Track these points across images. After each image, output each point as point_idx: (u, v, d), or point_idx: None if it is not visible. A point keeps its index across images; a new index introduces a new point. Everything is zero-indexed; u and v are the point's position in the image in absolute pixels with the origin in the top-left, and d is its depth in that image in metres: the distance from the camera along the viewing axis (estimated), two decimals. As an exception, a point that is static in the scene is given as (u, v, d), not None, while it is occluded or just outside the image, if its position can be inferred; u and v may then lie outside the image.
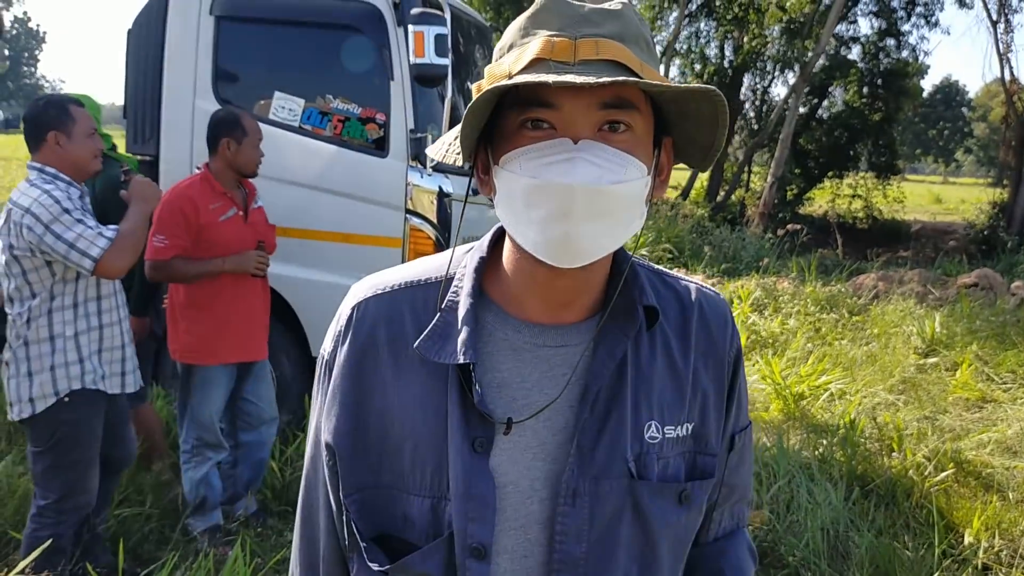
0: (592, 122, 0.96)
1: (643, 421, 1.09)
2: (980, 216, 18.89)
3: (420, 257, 4.26)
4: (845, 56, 23.21)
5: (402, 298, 1.12)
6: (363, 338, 1.11)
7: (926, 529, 4.17)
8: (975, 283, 10.56)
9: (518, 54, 0.98)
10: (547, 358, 1.08)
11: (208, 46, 4.86)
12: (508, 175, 0.98)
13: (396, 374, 1.08)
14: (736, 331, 1.23)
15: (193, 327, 3.73)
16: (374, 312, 1.12)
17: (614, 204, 0.96)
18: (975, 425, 5.96)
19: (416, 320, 1.10)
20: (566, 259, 0.97)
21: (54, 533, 3.08)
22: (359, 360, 1.10)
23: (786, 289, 10.01)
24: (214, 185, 3.74)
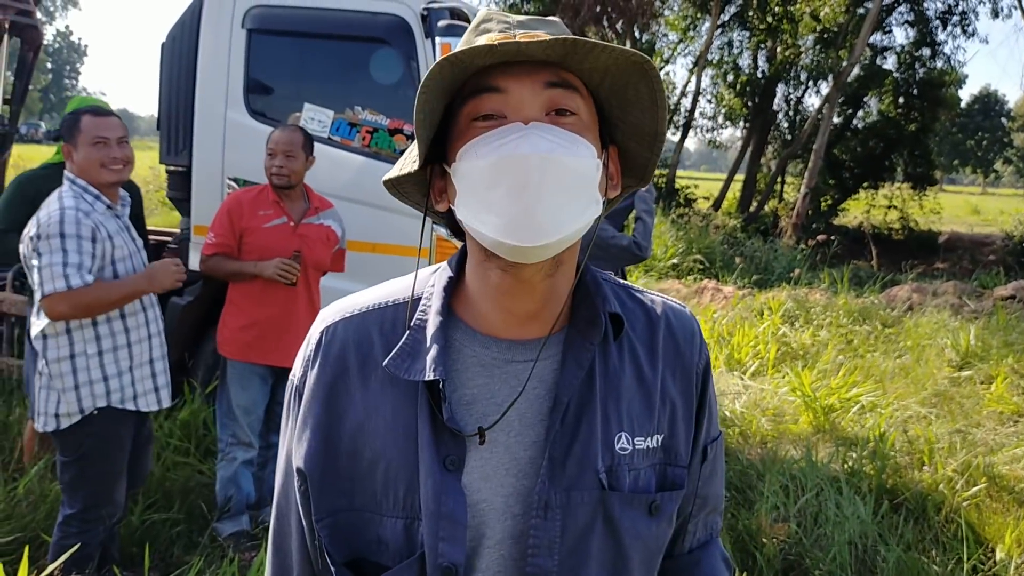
0: (539, 104, 0.99)
1: (613, 432, 1.10)
2: (1019, 227, 18.59)
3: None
4: (880, 66, 22.96)
5: (371, 320, 1.13)
6: (332, 362, 1.11)
7: (956, 544, 4.11)
8: (1012, 295, 10.39)
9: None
10: (516, 373, 1.09)
11: (240, 59, 4.93)
12: (465, 166, 0.99)
13: (366, 396, 1.09)
14: (704, 344, 1.24)
15: (230, 322, 3.93)
16: (343, 335, 1.12)
17: (569, 178, 0.97)
18: (1009, 439, 5.86)
19: (385, 341, 1.10)
20: (529, 235, 0.96)
21: (80, 542, 3.09)
22: (330, 384, 1.10)
23: (818, 300, 9.93)
24: (270, 194, 3.92)
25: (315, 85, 4.99)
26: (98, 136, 3.08)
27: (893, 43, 23.50)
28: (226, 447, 3.98)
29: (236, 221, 3.84)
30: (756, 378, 7.18)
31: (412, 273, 1.18)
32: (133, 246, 3.21)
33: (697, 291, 10.99)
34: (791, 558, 4.01)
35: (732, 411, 6.06)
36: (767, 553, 3.92)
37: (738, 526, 4.14)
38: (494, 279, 1.05)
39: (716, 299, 10.43)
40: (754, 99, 24.06)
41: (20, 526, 3.66)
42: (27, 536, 3.58)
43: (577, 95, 1.02)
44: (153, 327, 3.30)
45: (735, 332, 8.28)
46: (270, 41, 4.97)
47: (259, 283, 3.83)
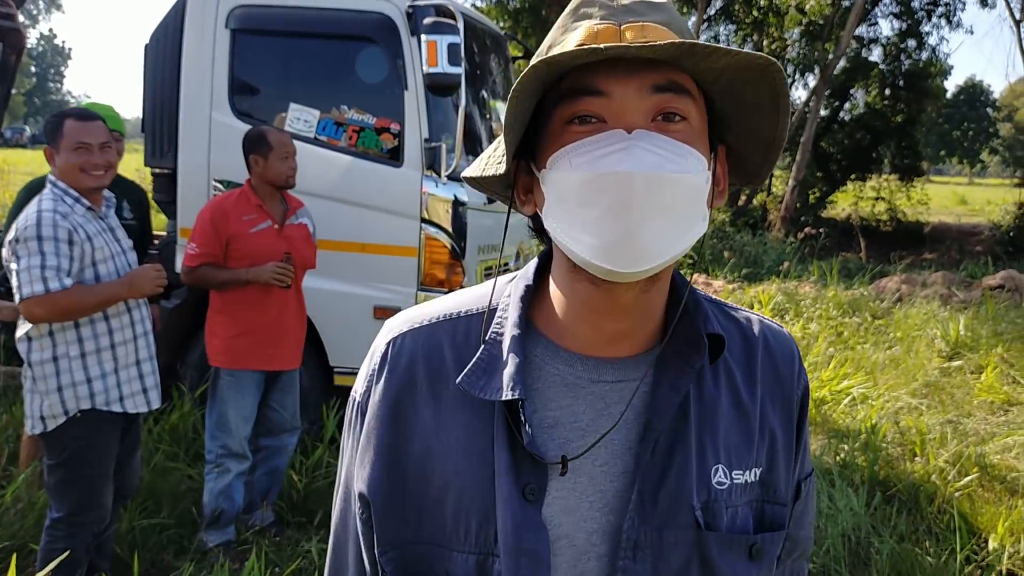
0: (644, 109, 0.87)
1: (709, 464, 0.99)
2: (1006, 217, 18.68)
3: (435, 265, 4.23)
4: (866, 58, 23.03)
5: (441, 331, 1.03)
6: (400, 376, 1.01)
7: (949, 535, 4.12)
8: (1001, 285, 10.44)
9: (558, 41, 0.92)
10: (603, 395, 0.98)
11: (224, 59, 4.90)
12: (557, 176, 0.89)
13: (437, 415, 0.99)
14: (803, 369, 1.12)
15: (222, 332, 3.85)
16: (411, 347, 1.03)
17: (676, 196, 0.86)
18: (1000, 428, 5.88)
19: (457, 355, 1.00)
20: (628, 261, 0.86)
21: (67, 547, 3.08)
22: (396, 400, 1.01)
23: (807, 293, 9.95)
24: (251, 198, 3.86)
25: (301, 85, 4.96)
26: (79, 141, 3.06)
27: (879, 35, 23.64)
28: (216, 458, 3.89)
29: (222, 229, 3.77)
30: (747, 372, 7.18)
31: (486, 282, 1.09)
32: (117, 247, 3.20)
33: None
34: (785, 552, 4.00)
35: (724, 405, 6.05)
36: (761, 547, 3.91)
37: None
38: (582, 293, 0.95)
39: (706, 293, 10.43)
40: (741, 93, 24.07)
41: (8, 534, 3.64)
42: (15, 544, 3.55)
43: (688, 98, 0.89)
44: (139, 328, 3.27)
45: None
46: (254, 41, 4.94)
47: (253, 289, 3.78)
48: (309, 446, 4.75)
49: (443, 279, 4.75)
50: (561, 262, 0.97)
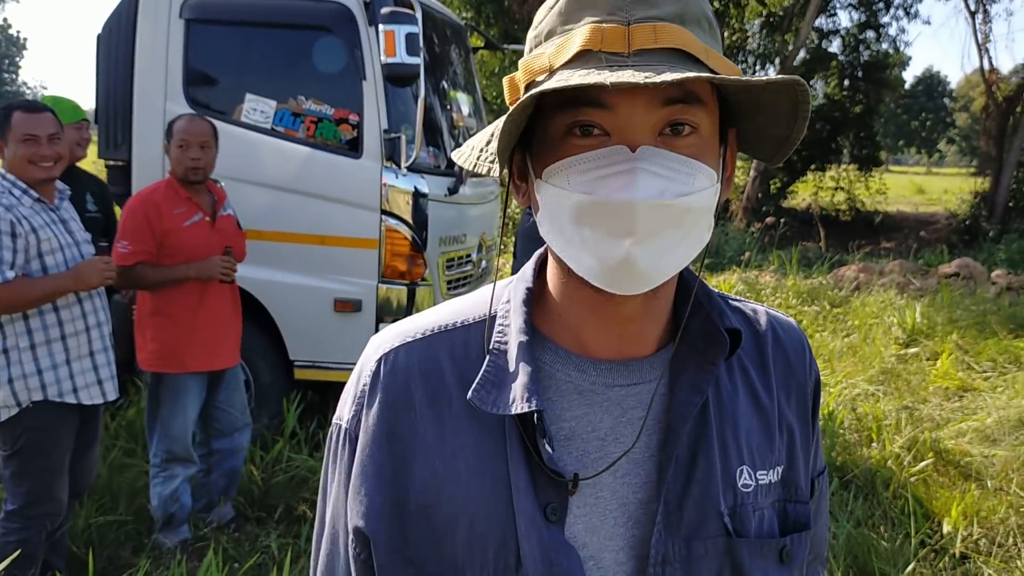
0: (652, 124, 0.80)
1: (733, 467, 0.94)
2: (962, 206, 18.97)
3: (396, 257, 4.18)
4: (825, 49, 23.23)
5: (438, 345, 0.96)
6: (396, 396, 0.93)
7: (904, 519, 4.19)
8: (956, 272, 10.63)
9: (560, 44, 0.82)
10: (619, 400, 0.92)
11: (178, 49, 4.83)
12: (554, 191, 0.83)
13: (440, 437, 0.91)
14: (814, 359, 1.08)
15: (160, 335, 3.69)
16: (406, 363, 0.95)
17: (681, 219, 0.81)
18: (955, 414, 5.99)
19: (458, 369, 0.93)
20: (627, 285, 0.82)
21: (20, 539, 3.08)
22: (392, 424, 0.93)
23: (768, 283, 10.05)
24: (178, 190, 3.70)
25: (257, 75, 4.90)
26: (27, 133, 3.05)
27: (838, 26, 23.79)
28: (162, 463, 3.77)
29: (155, 224, 3.60)
30: (709, 361, 7.24)
31: (482, 289, 1.02)
32: (68, 239, 3.16)
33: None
34: (744, 538, 4.05)
35: (685, 394, 6.10)
36: (720, 534, 3.96)
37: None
38: (585, 298, 0.90)
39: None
40: (703, 83, 24.20)
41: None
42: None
43: (700, 108, 0.82)
44: (92, 319, 3.23)
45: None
46: (209, 31, 4.87)
47: (193, 287, 3.67)
48: (269, 441, 4.71)
49: (404, 271, 4.73)
50: (558, 266, 0.92)
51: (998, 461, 5.05)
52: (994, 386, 6.58)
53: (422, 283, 4.77)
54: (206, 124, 3.75)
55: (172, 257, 3.64)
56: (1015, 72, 19.43)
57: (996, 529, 4.23)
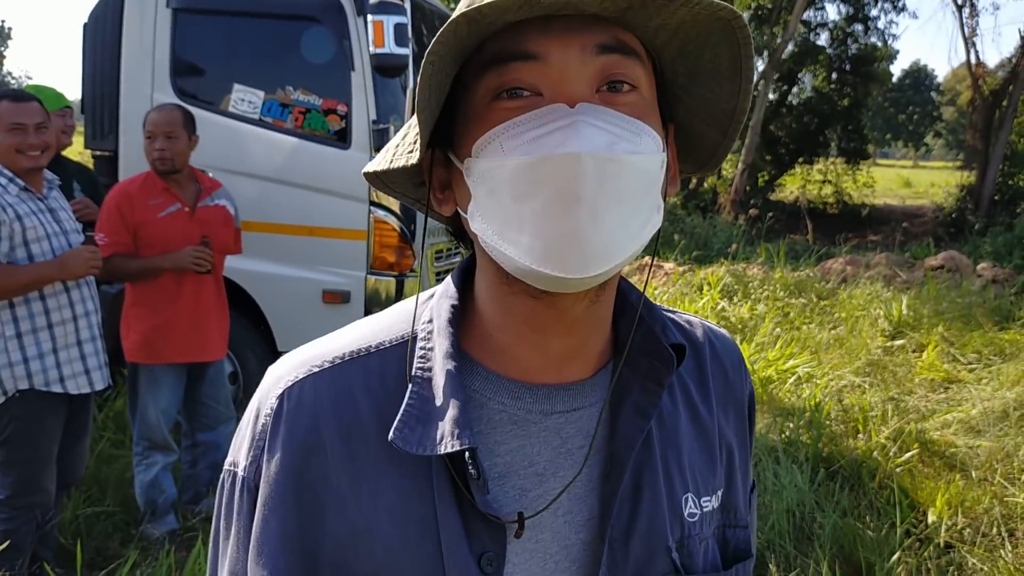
0: (588, 76, 0.72)
1: (679, 495, 0.87)
2: (948, 199, 19.06)
3: (384, 248, 4.14)
4: (814, 42, 23.31)
5: (350, 374, 0.83)
6: (302, 437, 0.80)
7: (889, 509, 4.22)
8: (942, 265, 10.68)
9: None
10: (557, 429, 0.83)
11: (165, 39, 4.81)
12: (485, 164, 0.72)
13: (356, 483, 0.79)
14: (748, 373, 1.02)
15: (138, 325, 3.70)
16: (313, 397, 0.81)
17: (632, 182, 0.70)
18: (940, 405, 6.03)
19: (375, 402, 0.81)
20: (578, 264, 0.70)
21: (7, 530, 3.07)
22: (300, 470, 0.79)
23: (755, 275, 10.08)
24: (156, 181, 3.69)
25: (245, 65, 4.88)
26: (14, 122, 3.04)
27: (826, 19, 23.90)
28: (143, 451, 3.80)
29: (128, 215, 3.60)
30: (696, 352, 7.27)
31: (400, 305, 0.90)
32: (56, 228, 3.15)
33: (639, 268, 11.07)
34: (731, 528, 4.07)
35: (673, 386, 6.12)
36: (708, 524, 3.98)
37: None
38: (520, 309, 0.79)
39: (657, 276, 10.53)
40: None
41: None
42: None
43: (638, 62, 0.74)
44: (79, 308, 3.22)
45: (676, 308, 8.36)
46: (196, 20, 4.85)
47: (168, 278, 3.66)
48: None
49: (393, 262, 4.73)
50: (491, 273, 0.80)
51: (982, 452, 5.09)
52: (979, 378, 6.63)
53: (411, 274, 4.78)
54: (174, 113, 3.71)
55: (150, 248, 3.63)
56: (1001, 66, 19.51)
57: (980, 519, 4.26)
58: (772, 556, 3.80)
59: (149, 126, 3.64)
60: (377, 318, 0.90)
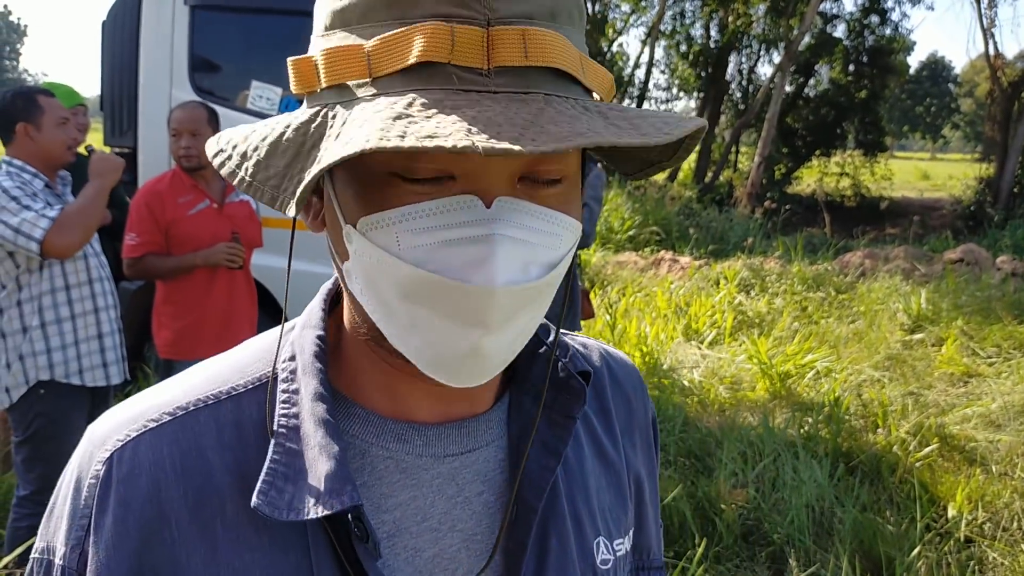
0: (511, 170, 0.61)
1: (590, 541, 0.78)
2: (967, 192, 18.94)
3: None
4: (830, 34, 23.18)
5: (198, 426, 0.69)
6: (139, 511, 0.66)
7: (910, 504, 4.20)
8: (961, 259, 10.61)
9: (387, 40, 0.59)
10: (452, 475, 0.73)
11: (184, 36, 4.83)
12: (376, 252, 0.61)
13: (213, 561, 0.66)
14: (648, 395, 0.94)
15: (171, 323, 3.71)
16: (151, 458, 0.67)
17: (542, 293, 0.63)
18: (960, 400, 6.00)
19: (230, 459, 0.68)
20: (468, 378, 0.64)
21: (32, 525, 3.09)
22: (138, 553, 0.65)
23: (772, 269, 10.05)
24: (184, 179, 3.69)
25: (262, 62, 4.90)
26: (62, 116, 3.10)
27: (842, 11, 23.82)
28: None
29: (159, 215, 3.60)
30: (714, 347, 7.26)
31: (250, 342, 0.79)
32: None
33: (654, 262, 11.05)
34: (750, 523, 4.07)
35: (691, 380, 6.12)
36: (726, 519, 3.98)
37: (698, 493, 4.19)
38: (399, 364, 0.68)
39: (673, 270, 10.51)
40: (707, 69, 24.15)
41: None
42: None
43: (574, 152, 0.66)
44: (100, 301, 3.24)
45: (692, 302, 8.36)
46: (214, 17, 4.87)
47: (201, 275, 3.67)
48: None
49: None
50: (358, 317, 0.70)
51: (1003, 446, 5.06)
52: (999, 372, 6.59)
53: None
54: (199, 111, 3.71)
55: (181, 246, 3.63)
56: (1020, 57, 19.39)
57: (1000, 513, 4.24)
58: (792, 551, 3.79)
59: (174, 124, 3.65)
60: (230, 355, 0.78)
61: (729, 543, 3.89)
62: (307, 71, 0.64)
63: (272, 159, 0.62)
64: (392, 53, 0.58)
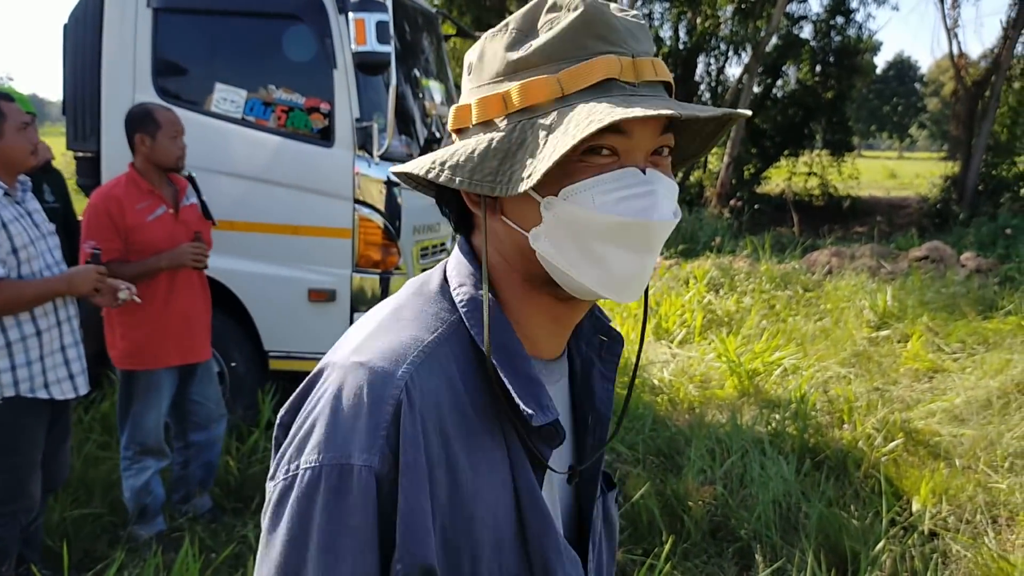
0: (650, 147, 0.92)
1: (605, 438, 1.11)
2: (933, 190, 19.16)
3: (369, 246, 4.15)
4: (797, 35, 23.33)
5: (442, 360, 0.93)
6: (434, 422, 0.89)
7: (874, 498, 4.26)
8: (926, 256, 10.74)
9: (575, 71, 0.88)
10: (556, 393, 1.04)
11: (146, 39, 4.78)
12: (574, 210, 0.88)
13: (463, 453, 0.91)
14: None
15: (130, 332, 3.64)
16: (434, 384, 0.90)
17: (667, 235, 0.94)
18: (924, 395, 6.08)
19: (465, 383, 0.93)
20: (632, 293, 0.93)
21: None
22: (434, 453, 0.88)
23: (741, 268, 10.12)
24: (140, 184, 3.65)
25: (227, 64, 4.86)
26: (23, 121, 3.06)
27: (809, 12, 23.95)
28: (134, 456, 3.74)
29: (119, 221, 3.54)
30: (683, 346, 7.31)
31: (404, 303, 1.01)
32: (36, 232, 3.13)
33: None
34: (718, 519, 4.10)
35: (660, 379, 6.15)
36: (694, 515, 4.01)
37: (666, 491, 4.21)
38: (547, 306, 0.99)
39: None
40: (676, 70, 24.28)
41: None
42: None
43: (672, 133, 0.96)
44: (62, 313, 3.19)
45: (663, 302, 8.41)
46: (177, 20, 4.83)
47: (162, 281, 3.64)
48: (245, 431, 4.70)
49: (378, 260, 4.73)
50: (514, 275, 0.98)
51: (966, 440, 5.14)
52: (963, 367, 6.68)
53: (396, 272, 4.78)
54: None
55: (138, 254, 3.58)
56: (984, 57, 19.61)
57: (964, 506, 4.30)
58: (758, 547, 3.83)
59: (174, 125, 3.66)
60: (412, 308, 0.99)
61: (697, 540, 3.91)
62: (495, 104, 0.92)
63: (485, 162, 0.90)
64: (580, 76, 0.88)
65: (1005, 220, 13.71)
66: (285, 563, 0.85)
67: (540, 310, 0.99)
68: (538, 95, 0.89)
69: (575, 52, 0.89)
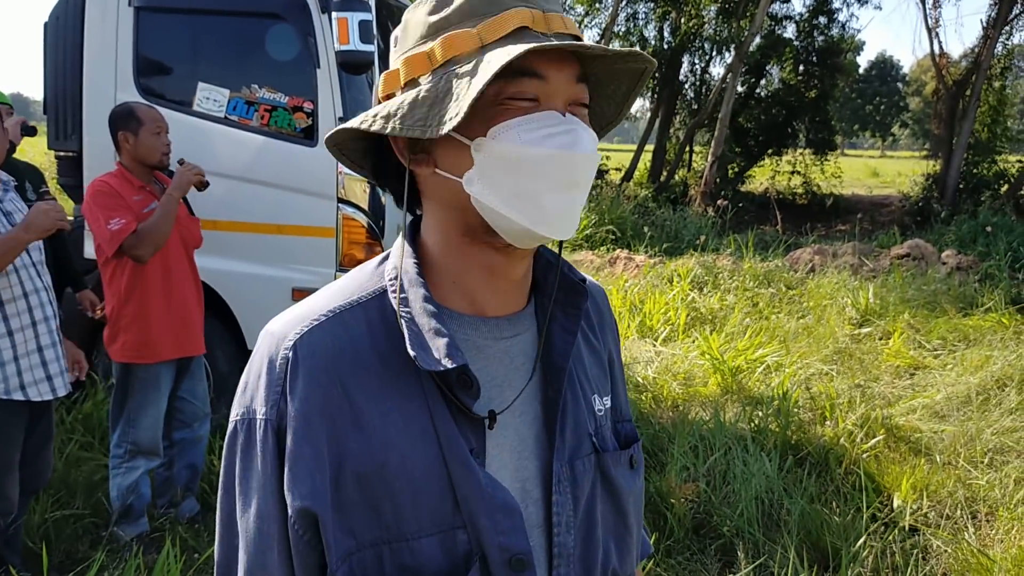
0: (567, 96, 0.96)
1: (589, 395, 1.12)
2: (915, 188, 19.29)
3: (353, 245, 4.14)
4: (780, 35, 23.47)
5: (347, 320, 1.00)
6: (321, 374, 0.96)
7: (856, 494, 4.29)
8: (907, 254, 10.81)
9: (492, 22, 0.94)
10: (506, 350, 1.05)
11: (128, 38, 4.76)
12: (501, 147, 0.93)
13: (369, 405, 0.96)
14: (610, 305, 1.30)
15: (131, 325, 3.65)
16: (322, 341, 0.98)
17: (593, 173, 0.98)
18: (906, 391, 6.13)
19: (373, 339, 0.99)
20: (564, 229, 0.96)
21: None
22: (324, 402, 0.95)
23: (725, 266, 10.16)
24: (132, 180, 3.67)
25: (209, 63, 4.84)
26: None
27: (792, 12, 24.07)
28: (125, 453, 3.74)
29: (127, 197, 3.60)
30: (667, 344, 7.33)
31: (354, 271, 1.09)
32: None
33: (610, 261, 11.13)
34: (700, 516, 4.12)
35: (644, 377, 6.18)
36: (677, 513, 4.03)
37: (649, 488, 4.23)
38: (482, 259, 1.01)
39: (628, 268, 10.59)
40: (661, 70, 24.34)
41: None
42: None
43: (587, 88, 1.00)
44: (38, 313, 3.16)
45: (646, 300, 8.43)
46: (159, 19, 4.81)
47: (158, 273, 3.65)
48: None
49: (362, 259, 4.71)
50: (453, 229, 1.01)
51: (947, 436, 5.19)
52: (944, 363, 6.74)
53: (380, 271, 4.77)
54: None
55: None
56: (964, 56, 19.75)
57: (944, 502, 4.35)
58: (741, 543, 3.85)
59: (158, 122, 3.67)
60: (342, 282, 1.06)
61: (680, 537, 3.94)
62: (420, 61, 0.97)
63: (415, 110, 0.93)
64: (497, 26, 0.93)
65: (985, 218, 13.81)
66: (225, 504, 1.02)
67: (478, 263, 1.02)
68: (460, 47, 0.94)
69: (491, 8, 0.94)
